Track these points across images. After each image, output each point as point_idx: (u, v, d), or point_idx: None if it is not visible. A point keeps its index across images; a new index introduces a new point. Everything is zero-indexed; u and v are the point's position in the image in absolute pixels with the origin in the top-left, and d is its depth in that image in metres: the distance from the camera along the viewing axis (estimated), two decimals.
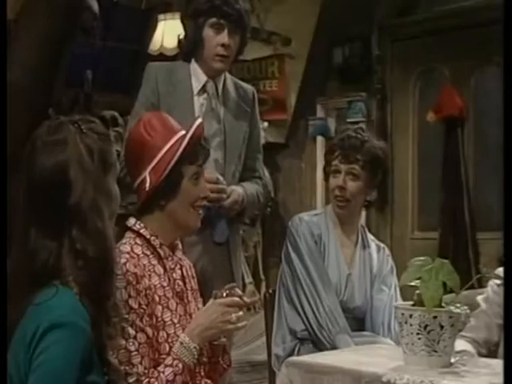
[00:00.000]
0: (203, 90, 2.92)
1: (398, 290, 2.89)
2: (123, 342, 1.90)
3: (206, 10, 2.87)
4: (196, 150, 2.16)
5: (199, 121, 2.20)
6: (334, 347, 2.66)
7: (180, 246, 2.22)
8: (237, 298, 2.09)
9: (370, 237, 3.03)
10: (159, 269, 2.08)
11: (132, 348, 1.94)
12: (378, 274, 2.92)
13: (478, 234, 5.04)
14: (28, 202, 1.71)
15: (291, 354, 2.72)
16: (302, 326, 2.78)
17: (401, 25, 5.52)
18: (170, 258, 2.13)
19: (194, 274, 2.27)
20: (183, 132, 2.15)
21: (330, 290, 2.79)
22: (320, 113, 5.85)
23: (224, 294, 2.09)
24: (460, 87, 5.15)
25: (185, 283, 2.17)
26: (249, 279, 5.63)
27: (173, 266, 2.13)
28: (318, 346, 2.72)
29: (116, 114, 4.31)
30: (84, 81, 5.19)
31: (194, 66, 2.95)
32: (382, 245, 3.04)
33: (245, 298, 2.13)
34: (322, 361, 2.24)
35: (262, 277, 5.86)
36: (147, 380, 1.95)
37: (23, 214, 1.72)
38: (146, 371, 1.95)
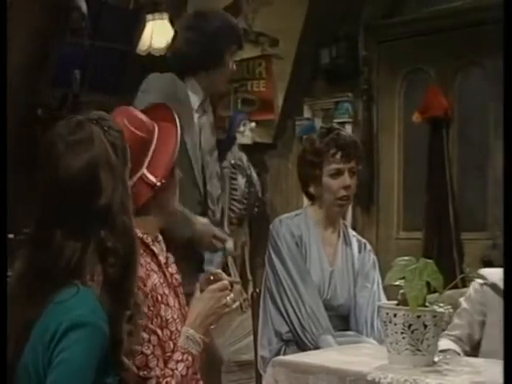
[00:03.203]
0: (201, 106, 3.07)
1: (380, 285, 2.90)
2: (139, 347, 1.89)
3: (230, 38, 3.11)
4: None
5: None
6: (317, 348, 2.67)
7: (161, 238, 2.19)
8: (226, 281, 2.10)
9: (352, 232, 3.03)
10: (154, 266, 2.08)
11: (148, 352, 1.93)
12: (361, 270, 2.92)
13: (462, 235, 5.06)
14: (52, 203, 1.67)
15: (277, 355, 2.70)
16: (287, 328, 2.79)
17: (387, 26, 5.54)
18: (160, 254, 2.13)
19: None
20: (151, 121, 2.14)
21: (312, 291, 2.79)
22: (307, 113, 5.86)
23: (211, 278, 2.11)
24: (445, 88, 5.17)
25: (178, 275, 2.18)
26: (236, 279, 5.64)
27: (165, 261, 2.13)
28: (302, 348, 2.73)
29: (105, 114, 4.32)
30: (72, 81, 5.19)
31: (191, 81, 3.05)
32: (363, 240, 3.03)
33: (233, 278, 2.15)
34: (308, 360, 2.26)
35: (250, 277, 5.87)
36: (165, 381, 1.95)
37: (46, 214, 1.68)
38: (163, 372, 1.95)
